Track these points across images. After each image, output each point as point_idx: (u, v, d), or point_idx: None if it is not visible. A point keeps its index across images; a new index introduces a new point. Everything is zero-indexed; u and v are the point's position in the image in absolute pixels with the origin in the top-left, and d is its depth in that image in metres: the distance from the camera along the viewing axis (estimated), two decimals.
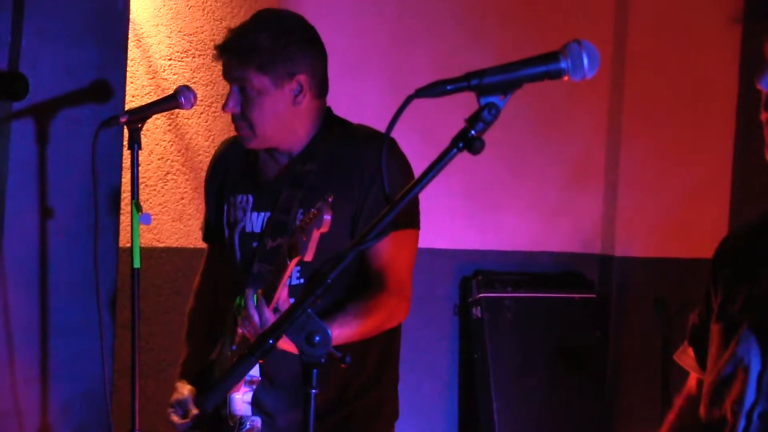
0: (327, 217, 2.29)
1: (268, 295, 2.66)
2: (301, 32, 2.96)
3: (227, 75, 2.94)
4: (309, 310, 1.86)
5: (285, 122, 2.94)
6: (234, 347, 2.88)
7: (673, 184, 5.14)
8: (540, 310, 4.96)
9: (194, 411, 3.01)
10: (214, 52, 2.96)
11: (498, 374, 4.74)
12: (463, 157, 1.84)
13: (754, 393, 2.03)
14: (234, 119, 2.95)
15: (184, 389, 3.09)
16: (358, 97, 4.46)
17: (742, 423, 2.03)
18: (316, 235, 2.33)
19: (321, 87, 3.00)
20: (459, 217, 4.96)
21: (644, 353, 5.08)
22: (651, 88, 5.17)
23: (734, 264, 2.20)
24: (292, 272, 2.63)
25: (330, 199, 2.32)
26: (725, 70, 5.01)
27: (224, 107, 2.94)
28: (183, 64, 4.43)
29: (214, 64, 4.45)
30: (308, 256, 2.38)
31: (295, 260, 2.47)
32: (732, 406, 2.06)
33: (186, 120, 4.43)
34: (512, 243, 5.10)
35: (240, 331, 2.77)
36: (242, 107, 2.91)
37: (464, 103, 1.84)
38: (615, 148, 5.23)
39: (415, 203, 3.00)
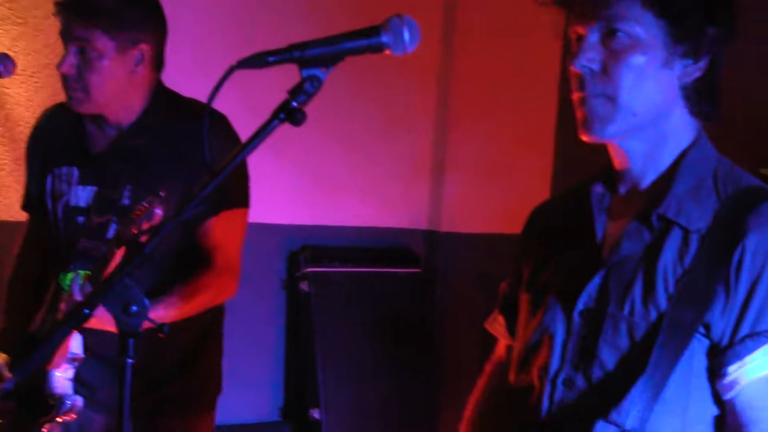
0: (158, 212, 2.28)
1: (94, 280, 2.62)
2: (148, 2, 2.93)
3: (67, 34, 2.87)
4: (126, 280, 1.84)
5: (121, 89, 2.90)
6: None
7: (497, 163, 5.24)
8: (367, 284, 5.00)
9: (8, 374, 2.94)
10: (55, 8, 2.87)
11: (324, 348, 4.76)
12: (293, 133, 1.85)
13: (558, 360, 2.08)
14: (67, 80, 2.88)
15: None
16: (199, 76, 4.39)
17: (547, 389, 2.08)
18: (145, 227, 2.32)
19: (159, 60, 2.98)
20: (287, 192, 4.95)
21: (469, 325, 5.17)
22: (478, 71, 5.26)
23: (544, 234, 2.27)
24: None
25: (162, 194, 2.30)
26: (548, 51, 5.11)
27: (59, 66, 2.86)
28: (2, 31, 4.30)
29: (35, 32, 4.35)
30: None
31: (122, 250, 2.44)
32: (538, 372, 2.12)
33: (5, 89, 4.31)
34: (341, 218, 5.12)
35: (63, 308, 2.72)
36: (79, 69, 2.85)
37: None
38: (443, 127, 5.30)
39: (244, 181, 3.01)
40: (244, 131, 2.90)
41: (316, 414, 4.67)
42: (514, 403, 2.22)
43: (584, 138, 2.09)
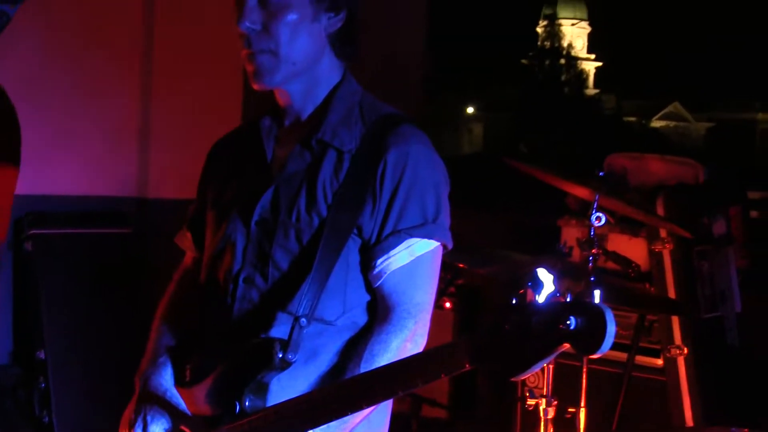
0: None
1: None
2: None
3: None
4: None
5: None
6: None
7: (195, 132, 5.30)
8: (85, 244, 5.07)
9: None
10: None
11: (48, 299, 4.83)
12: None
13: (240, 262, 2.22)
14: None
15: None
16: None
17: (231, 286, 2.22)
18: None
19: None
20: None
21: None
22: (176, 51, 5.32)
23: (223, 162, 2.41)
24: None
25: None
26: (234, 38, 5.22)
27: None
28: None
29: None
30: None
31: None
32: (224, 275, 2.25)
33: None
34: (59, 188, 5.12)
35: None
36: None
37: None
38: (147, 103, 5.36)
39: None
40: None
41: (41, 355, 4.71)
42: (202, 303, 2.32)
43: (255, 87, 2.23)
